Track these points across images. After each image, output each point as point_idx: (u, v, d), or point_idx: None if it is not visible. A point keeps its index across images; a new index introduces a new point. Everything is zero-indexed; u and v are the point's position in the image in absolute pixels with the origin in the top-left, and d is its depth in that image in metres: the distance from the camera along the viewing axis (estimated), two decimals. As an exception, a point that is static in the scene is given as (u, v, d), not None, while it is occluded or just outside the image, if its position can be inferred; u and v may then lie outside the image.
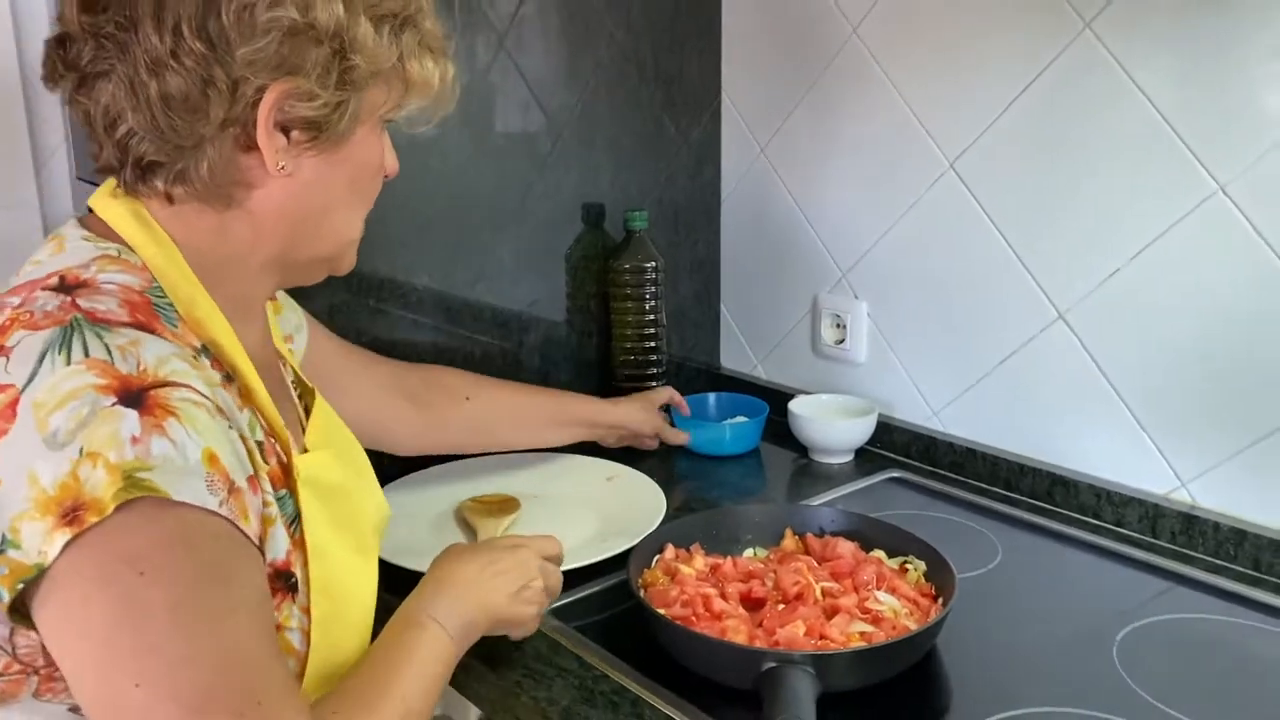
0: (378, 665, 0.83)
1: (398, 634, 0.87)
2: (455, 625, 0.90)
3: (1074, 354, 1.33)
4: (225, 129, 0.75)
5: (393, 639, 0.86)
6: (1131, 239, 1.25)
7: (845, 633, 1.00)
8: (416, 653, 0.85)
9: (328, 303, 1.35)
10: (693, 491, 1.43)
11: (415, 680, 0.83)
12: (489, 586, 0.94)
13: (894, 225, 1.50)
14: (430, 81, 0.84)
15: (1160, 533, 1.26)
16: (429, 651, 0.86)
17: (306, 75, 0.75)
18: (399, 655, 0.84)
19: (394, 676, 0.82)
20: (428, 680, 0.85)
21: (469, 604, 0.92)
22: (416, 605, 0.90)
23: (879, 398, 1.57)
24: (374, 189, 0.88)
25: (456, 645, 0.89)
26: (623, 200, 1.62)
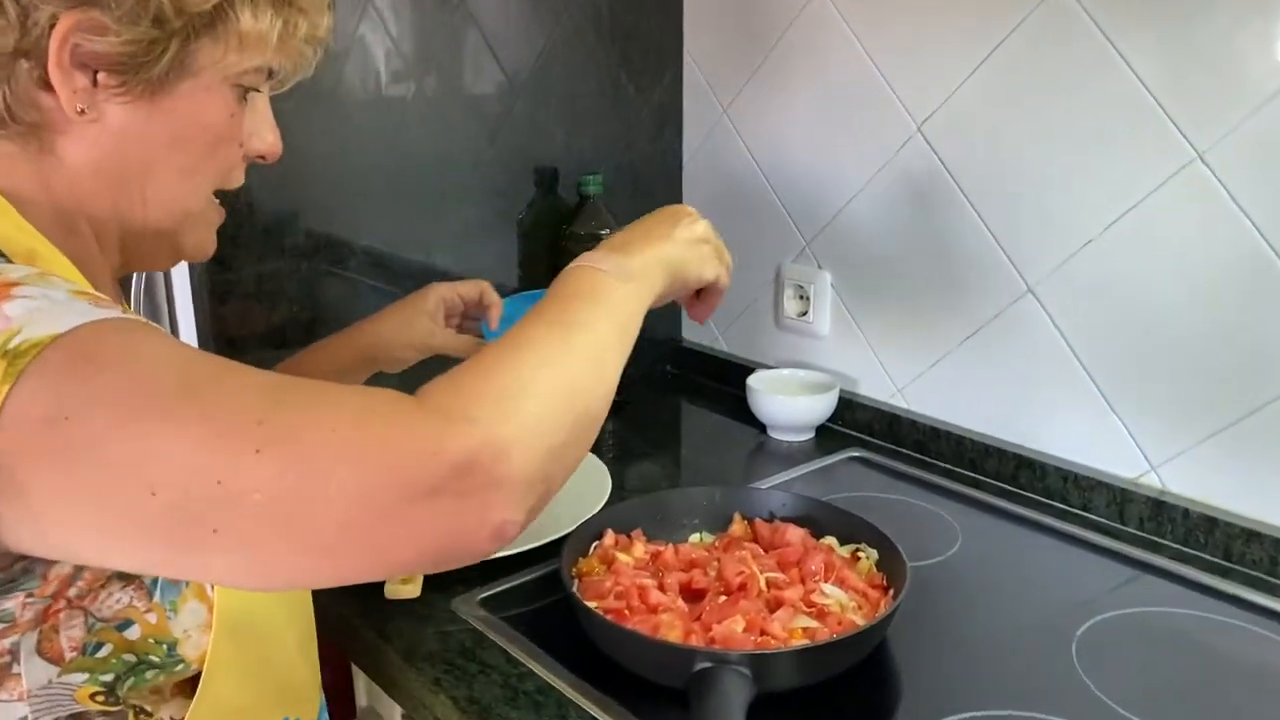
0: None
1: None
2: (611, 258, 0.80)
3: (1043, 330, 1.26)
4: (17, 60, 0.67)
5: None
6: (1104, 208, 1.18)
7: (788, 628, 0.94)
8: (563, 289, 0.77)
9: (254, 271, 1.27)
10: (643, 471, 1.37)
11: (567, 309, 0.74)
12: (643, 227, 0.87)
13: (859, 192, 1.43)
14: (265, 35, 0.74)
15: (1128, 518, 1.20)
16: (576, 284, 0.77)
17: (105, 7, 0.67)
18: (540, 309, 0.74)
19: (535, 316, 0.72)
20: (583, 303, 0.75)
21: (622, 239, 0.84)
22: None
23: (842, 373, 1.50)
24: (217, 158, 0.77)
25: (617, 275, 0.78)
26: (578, 164, 1.54)
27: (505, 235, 1.52)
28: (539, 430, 0.63)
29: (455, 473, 0.58)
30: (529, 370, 0.66)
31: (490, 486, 0.60)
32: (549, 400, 0.65)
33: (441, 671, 0.95)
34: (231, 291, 1.26)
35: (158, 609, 0.71)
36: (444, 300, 1.16)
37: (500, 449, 0.60)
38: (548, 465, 0.63)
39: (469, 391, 0.63)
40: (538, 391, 0.65)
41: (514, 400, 0.63)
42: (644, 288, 0.81)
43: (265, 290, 1.29)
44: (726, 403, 1.53)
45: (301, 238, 1.31)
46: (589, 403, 0.69)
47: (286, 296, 1.30)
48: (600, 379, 0.71)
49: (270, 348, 1.31)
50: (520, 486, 0.61)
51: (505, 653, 0.97)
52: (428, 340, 1.14)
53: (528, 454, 0.62)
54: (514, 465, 0.61)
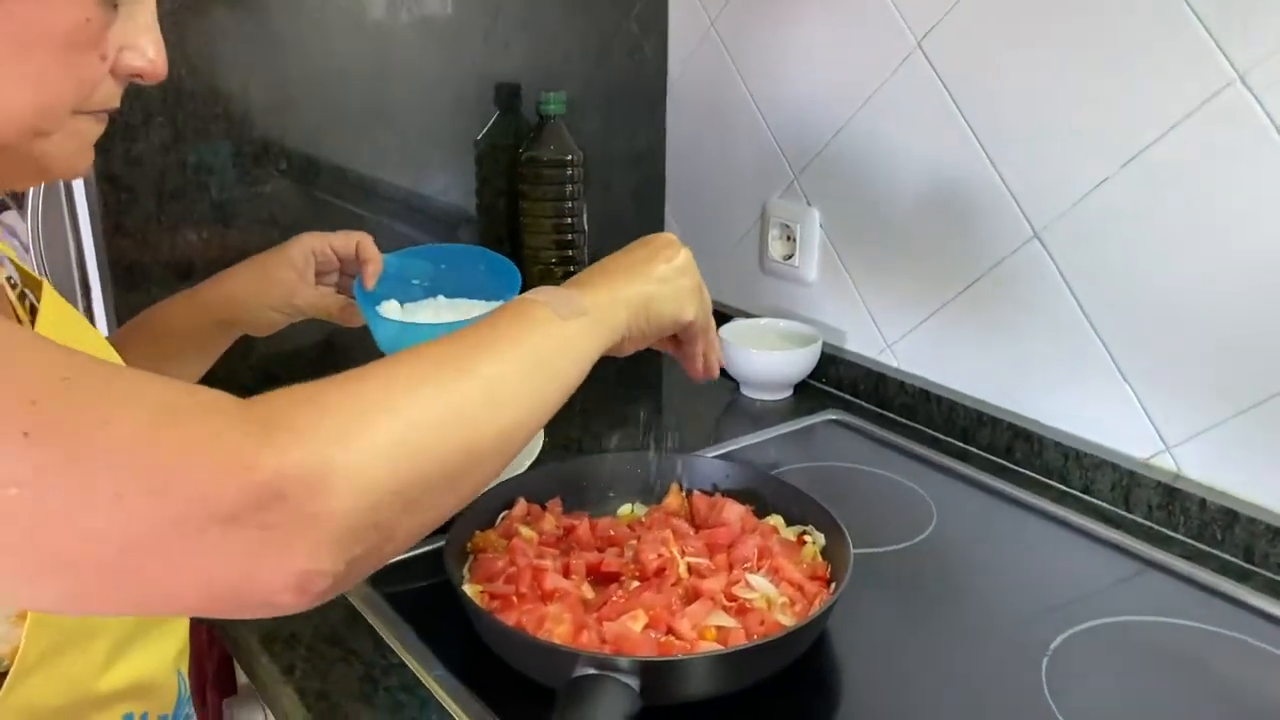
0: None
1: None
2: (558, 293, 0.69)
3: (1049, 281, 1.08)
4: None
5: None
6: (1125, 141, 0.99)
7: (699, 627, 0.79)
8: (491, 317, 0.66)
9: (155, 191, 1.14)
10: (591, 428, 1.22)
11: (480, 335, 0.63)
12: (618, 260, 0.77)
13: (853, 117, 1.25)
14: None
15: (1134, 505, 1.03)
16: (507, 314, 0.66)
17: None
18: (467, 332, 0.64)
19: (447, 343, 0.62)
20: (499, 333, 0.63)
21: (590, 274, 0.74)
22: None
23: (829, 324, 1.34)
24: (70, 70, 0.63)
25: (558, 310, 0.67)
26: (542, 80, 1.38)
27: (464, 157, 1.37)
28: (384, 464, 0.51)
29: (259, 499, 0.47)
30: (398, 388, 0.54)
31: (300, 523, 0.48)
32: (411, 429, 0.53)
33: (299, 658, 0.82)
34: (128, 213, 1.13)
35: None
36: (313, 253, 0.98)
37: (322, 477, 0.48)
38: (387, 510, 0.51)
39: (311, 401, 0.52)
40: (397, 416, 0.53)
41: (363, 421, 0.51)
42: (595, 327, 0.69)
43: (169, 214, 1.15)
44: (704, 352, 1.37)
45: (217, 154, 1.17)
46: (469, 441, 0.56)
47: (194, 221, 1.17)
48: (493, 414, 0.58)
49: (176, 278, 1.18)
50: (339, 529, 0.49)
51: (376, 639, 0.84)
52: (290, 299, 0.97)
53: (359, 490, 0.50)
54: (336, 501, 0.49)
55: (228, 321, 0.97)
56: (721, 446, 1.17)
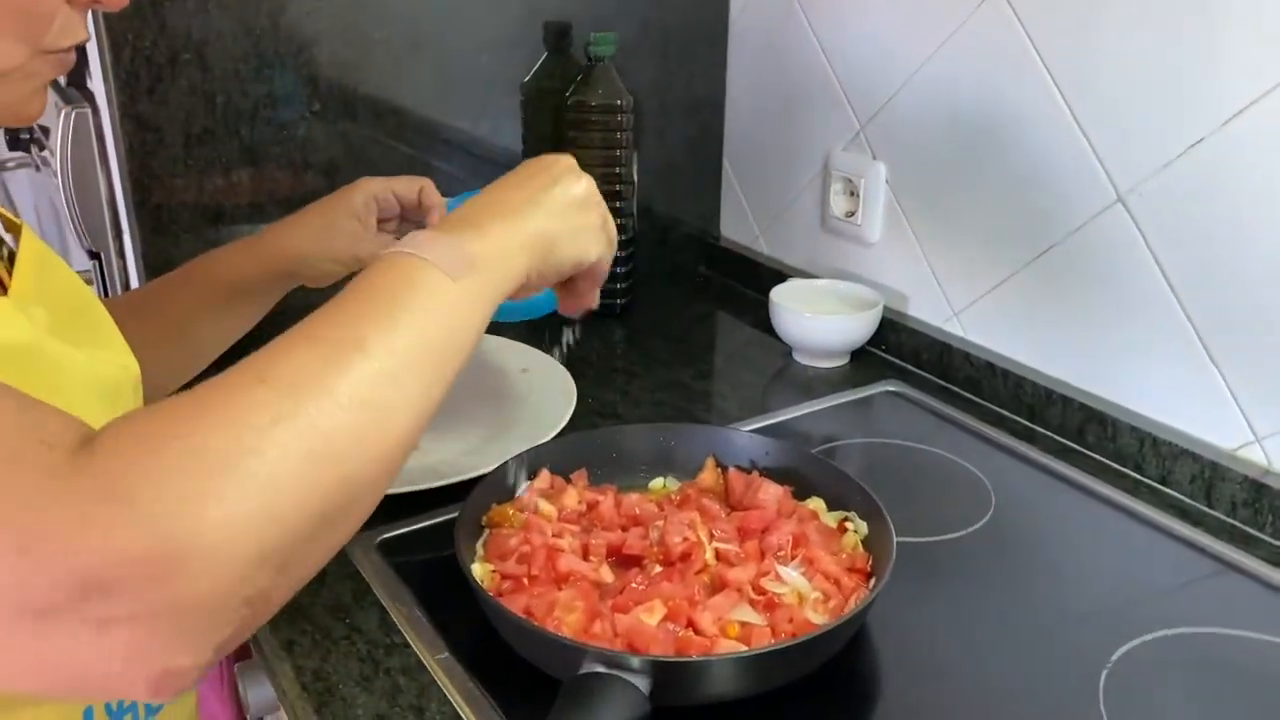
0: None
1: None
2: (442, 241, 0.58)
3: (1134, 251, 0.98)
4: None
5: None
6: (1226, 96, 0.88)
7: (721, 621, 0.73)
8: (363, 283, 0.55)
9: (183, 132, 1.09)
10: (631, 392, 1.16)
11: (352, 318, 0.52)
12: (499, 191, 0.65)
13: (924, 64, 1.15)
14: None
15: (1217, 500, 0.94)
16: (383, 279, 0.55)
17: None
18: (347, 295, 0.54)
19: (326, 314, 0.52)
20: (380, 311, 0.53)
21: (469, 209, 0.63)
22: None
23: (891, 288, 1.25)
24: (22, 5, 0.58)
25: (448, 267, 0.56)
26: (593, 19, 1.30)
27: (509, 100, 1.30)
28: (247, 529, 0.42)
29: (85, 590, 0.39)
30: (256, 427, 0.44)
31: (144, 616, 0.40)
32: (275, 478, 0.43)
33: (299, 632, 0.78)
34: (154, 155, 1.09)
35: None
36: (375, 199, 0.93)
37: (169, 557, 0.40)
38: (255, 579, 0.43)
39: (155, 450, 0.42)
40: (259, 463, 0.43)
41: (216, 476, 0.42)
42: (488, 283, 0.58)
43: (196, 156, 1.11)
44: (759, 315, 1.30)
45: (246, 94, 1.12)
46: (350, 474, 0.47)
47: (222, 164, 1.12)
48: (377, 434, 0.49)
49: (205, 222, 1.14)
50: (198, 616, 0.41)
51: (383, 615, 0.80)
52: (351, 249, 0.91)
53: (218, 565, 0.41)
54: (192, 585, 0.40)
55: (288, 274, 0.92)
56: (768, 417, 1.10)
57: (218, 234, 1.14)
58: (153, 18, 1.05)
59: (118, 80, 1.05)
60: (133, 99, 1.06)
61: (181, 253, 1.13)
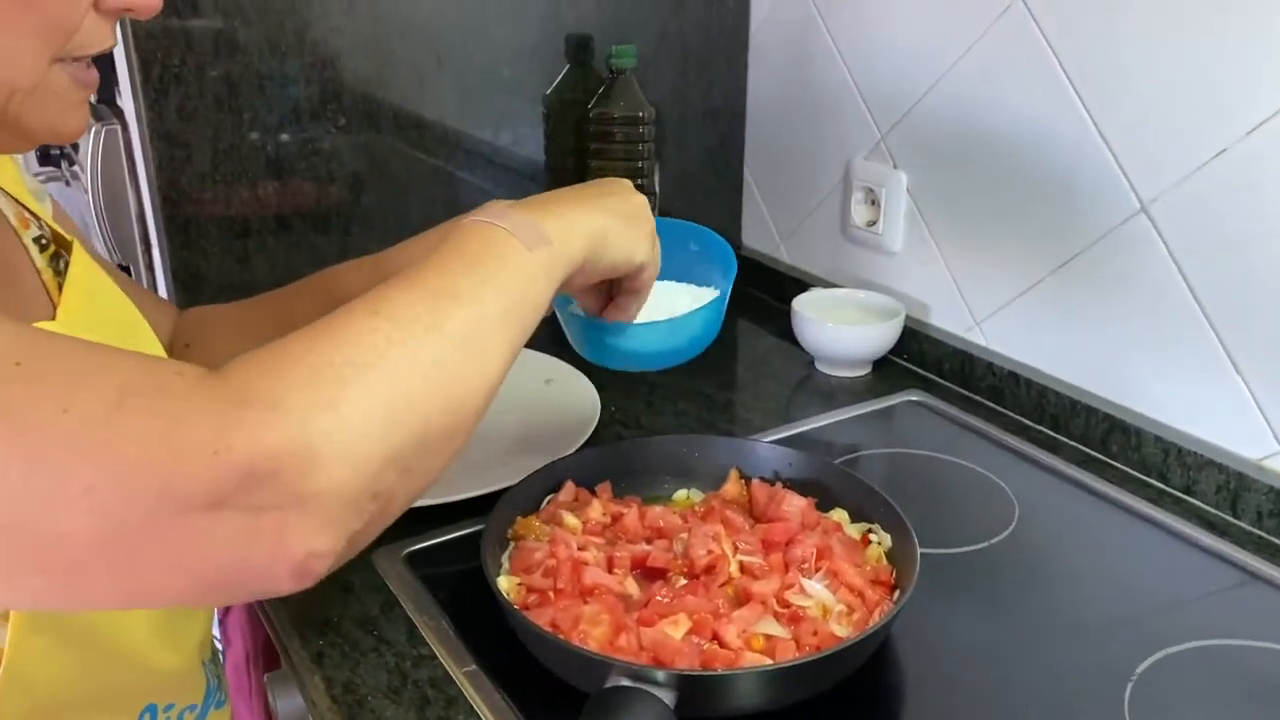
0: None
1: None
2: (518, 215, 0.63)
3: (1156, 261, 0.98)
4: None
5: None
6: (1249, 106, 0.88)
7: (746, 634, 0.74)
8: (448, 247, 0.60)
9: (211, 148, 1.11)
10: (653, 404, 1.16)
11: (445, 273, 0.58)
12: (567, 191, 0.72)
13: (945, 73, 1.15)
14: None
15: (1242, 511, 0.93)
16: (467, 242, 0.61)
17: None
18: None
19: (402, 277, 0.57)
20: (469, 268, 0.59)
21: (540, 198, 0.68)
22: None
23: (913, 297, 1.25)
24: (44, 15, 0.57)
25: (524, 238, 0.62)
26: (614, 32, 1.31)
27: (532, 112, 1.31)
28: (373, 430, 0.48)
29: (243, 480, 0.44)
30: (374, 346, 0.50)
31: (292, 503, 0.45)
32: (395, 389, 0.50)
33: (329, 644, 0.79)
34: (182, 170, 1.10)
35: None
36: None
37: (312, 450, 0.45)
38: (382, 477, 0.49)
39: (284, 367, 0.48)
40: (382, 375, 0.50)
41: (344, 385, 0.48)
42: (558, 257, 0.64)
43: (224, 171, 1.12)
44: (781, 324, 1.30)
45: (272, 109, 1.14)
46: (456, 396, 0.53)
47: (249, 178, 1.13)
48: (477, 366, 0.55)
49: (232, 236, 1.15)
50: (337, 505, 0.47)
51: (411, 627, 0.81)
52: None
53: (352, 461, 0.47)
54: (329, 476, 0.46)
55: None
56: (792, 427, 1.11)
57: (245, 246, 1.16)
58: (181, 36, 1.06)
59: (147, 98, 1.06)
60: (162, 116, 1.07)
61: (210, 265, 1.15)
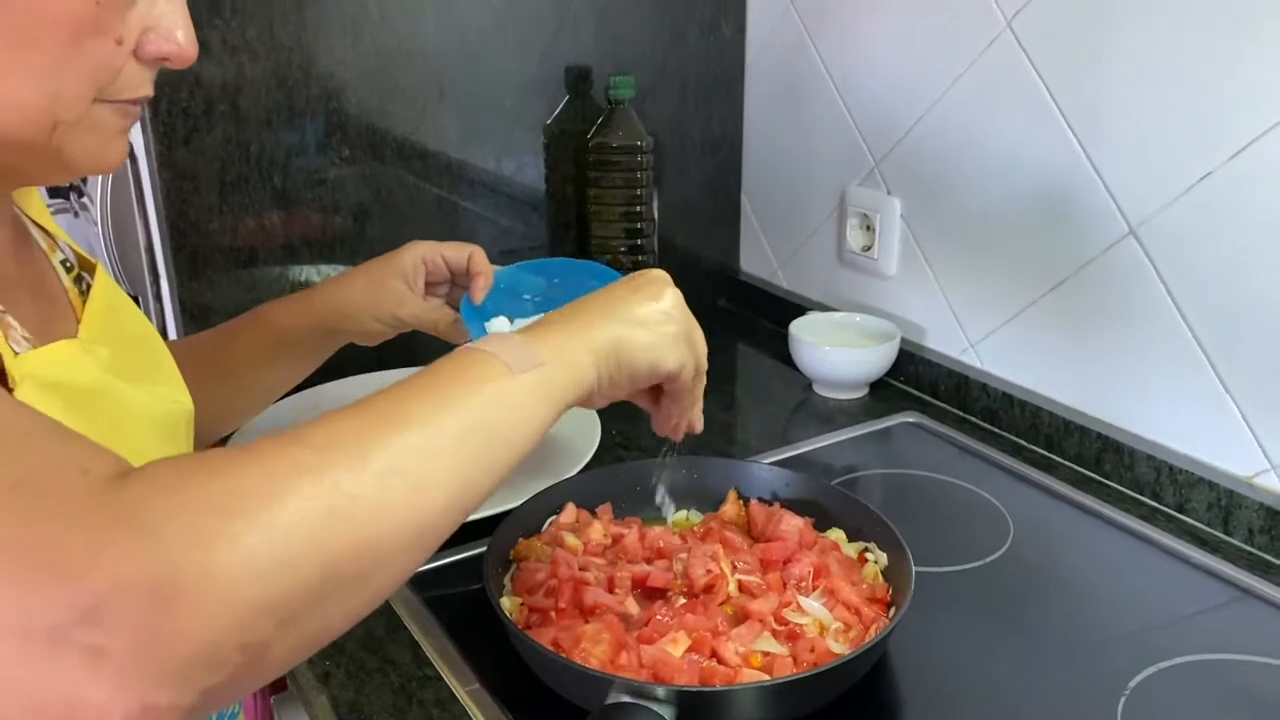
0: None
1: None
2: (512, 340, 0.60)
3: (1145, 283, 1.00)
4: None
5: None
6: (1232, 131, 0.90)
7: (744, 651, 0.75)
8: (434, 367, 0.57)
9: (218, 180, 1.13)
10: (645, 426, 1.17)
11: (408, 397, 0.54)
12: (589, 300, 0.68)
13: (937, 101, 1.18)
14: None
15: (1234, 528, 0.95)
16: (451, 365, 0.57)
17: None
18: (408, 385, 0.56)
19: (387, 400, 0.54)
20: (435, 393, 0.55)
21: (558, 315, 0.66)
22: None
23: (908, 320, 1.27)
24: (82, 58, 0.60)
25: (512, 362, 0.58)
26: (613, 63, 1.33)
27: (533, 143, 1.33)
28: (252, 572, 0.43)
29: (86, 613, 0.40)
30: (279, 475, 0.46)
31: (138, 644, 0.40)
32: (289, 527, 0.44)
33: (335, 665, 0.81)
34: (190, 202, 1.13)
35: None
36: (424, 262, 0.94)
37: (173, 589, 0.41)
38: (255, 627, 0.43)
39: (183, 488, 0.44)
40: (280, 509, 0.44)
41: (230, 518, 0.43)
42: (552, 382, 0.60)
43: (231, 203, 1.14)
44: (779, 347, 1.32)
45: (279, 142, 1.16)
46: (370, 538, 0.47)
47: (255, 210, 1.16)
48: (404, 503, 0.49)
49: (238, 266, 1.17)
50: (190, 653, 0.41)
51: (415, 648, 0.82)
52: (395, 310, 0.93)
53: (217, 605, 0.42)
54: (188, 620, 0.41)
55: (332, 330, 0.95)
56: (791, 448, 1.12)
57: (251, 276, 1.18)
58: (189, 70, 1.09)
59: (156, 131, 1.09)
60: (170, 148, 1.10)
61: (216, 295, 1.17)
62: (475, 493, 0.54)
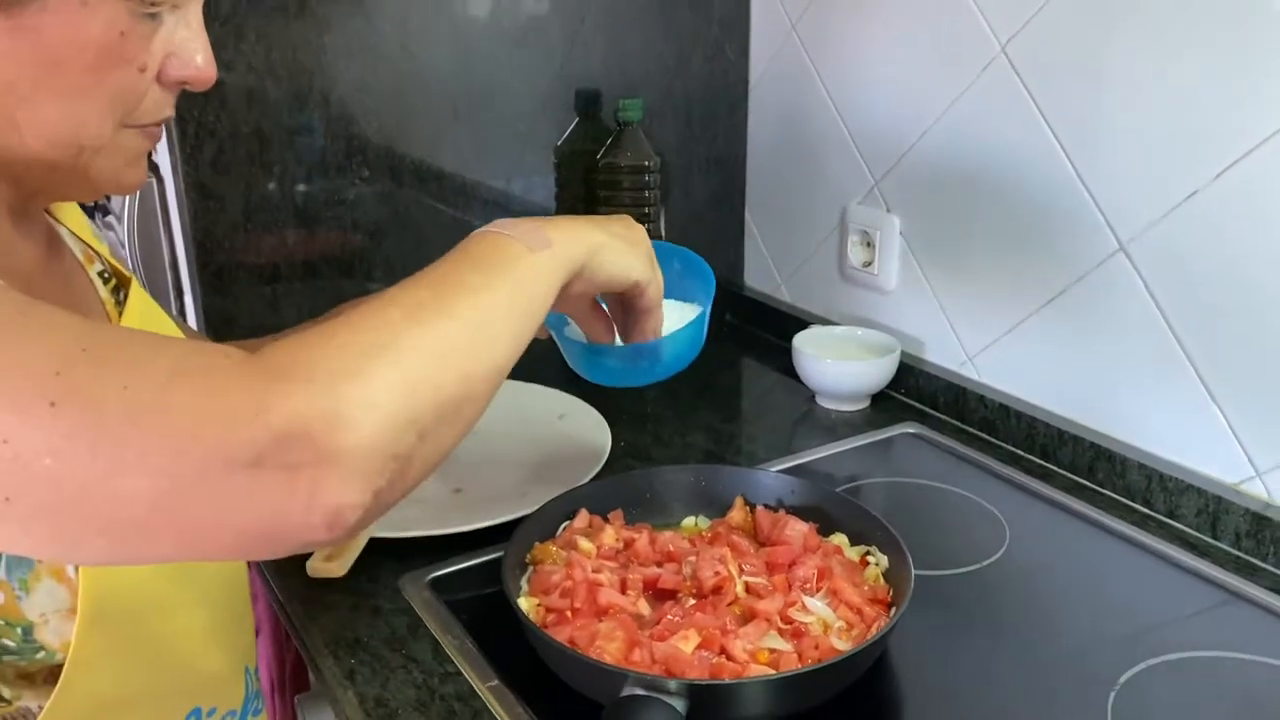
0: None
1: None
2: (523, 224, 0.71)
3: (1135, 297, 1.04)
4: None
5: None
6: (1216, 151, 0.94)
7: (751, 648, 0.79)
8: (458, 252, 0.68)
9: (243, 199, 1.18)
10: (661, 436, 1.22)
11: (454, 270, 0.66)
12: (568, 216, 0.79)
13: (934, 123, 1.22)
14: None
15: (1221, 533, 0.98)
16: (474, 247, 0.68)
17: None
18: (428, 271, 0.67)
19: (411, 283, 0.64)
20: (475, 266, 0.66)
21: (545, 218, 0.76)
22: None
23: (908, 334, 1.31)
24: (108, 84, 0.64)
25: (526, 242, 0.69)
26: (621, 86, 1.38)
27: (544, 163, 1.38)
28: (395, 396, 0.55)
29: (280, 441, 0.50)
30: (391, 327, 0.57)
31: (323, 460, 0.51)
32: (413, 363, 0.56)
33: (360, 662, 0.84)
34: (216, 221, 1.17)
35: (4, 587, 0.62)
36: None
37: (340, 414, 0.52)
38: (404, 439, 0.55)
39: (312, 347, 0.55)
40: (400, 351, 0.56)
41: (367, 359, 0.55)
42: (557, 259, 0.71)
43: (255, 221, 1.19)
44: (783, 361, 1.36)
45: (301, 161, 1.20)
46: (466, 371, 0.60)
47: (278, 227, 1.20)
48: (485, 347, 0.62)
49: (261, 282, 1.22)
50: (363, 462, 0.52)
51: (436, 646, 0.86)
52: None
53: (377, 422, 0.53)
54: (357, 435, 0.52)
55: None
56: (795, 458, 1.16)
57: (273, 291, 1.22)
58: (214, 93, 1.13)
59: (183, 152, 1.13)
60: (197, 169, 1.14)
61: (239, 309, 1.21)
62: (521, 343, 0.66)
